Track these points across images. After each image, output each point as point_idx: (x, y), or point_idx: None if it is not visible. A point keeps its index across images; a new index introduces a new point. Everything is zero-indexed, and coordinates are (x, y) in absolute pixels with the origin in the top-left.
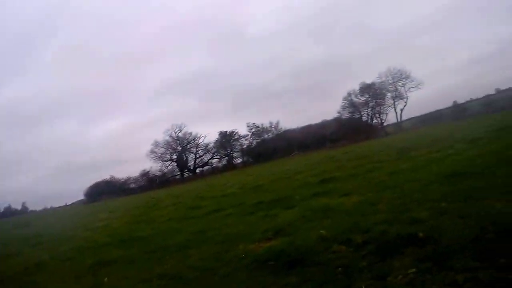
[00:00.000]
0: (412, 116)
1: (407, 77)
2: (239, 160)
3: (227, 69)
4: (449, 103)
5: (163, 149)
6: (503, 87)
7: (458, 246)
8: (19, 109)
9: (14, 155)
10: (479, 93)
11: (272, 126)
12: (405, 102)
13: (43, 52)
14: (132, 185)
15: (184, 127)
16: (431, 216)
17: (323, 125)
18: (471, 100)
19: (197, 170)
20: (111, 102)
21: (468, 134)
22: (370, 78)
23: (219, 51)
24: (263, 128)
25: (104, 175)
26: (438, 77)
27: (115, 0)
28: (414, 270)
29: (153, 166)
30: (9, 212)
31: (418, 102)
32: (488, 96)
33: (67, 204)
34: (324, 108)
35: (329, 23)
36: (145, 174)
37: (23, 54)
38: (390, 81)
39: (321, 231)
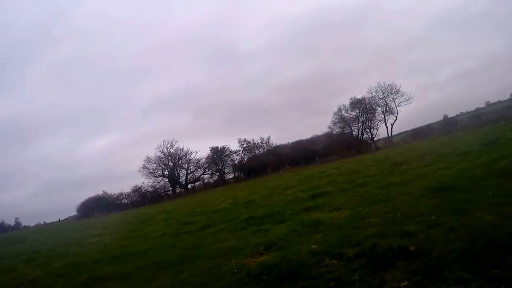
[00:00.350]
0: (403, 130)
1: (397, 92)
2: (230, 176)
3: (218, 86)
4: (439, 117)
5: (154, 165)
6: (492, 100)
7: (449, 258)
8: (11, 124)
9: (6, 170)
10: (469, 107)
11: (263, 142)
12: (396, 117)
13: (34, 68)
14: (124, 201)
15: (176, 143)
16: (422, 229)
17: (314, 140)
18: (461, 114)
19: (189, 186)
20: (104, 118)
21: (458, 147)
22: (360, 93)
23: (210, 68)
24: (254, 143)
25: (97, 191)
26: (428, 91)
27: (105, 17)
28: (406, 283)
29: (145, 182)
30: (2, 228)
31: (408, 116)
32: (478, 109)
33: (60, 219)
34: (315, 124)
35: (319, 39)
36: (137, 190)
37: (14, 70)
38: (381, 96)
39: (312, 245)
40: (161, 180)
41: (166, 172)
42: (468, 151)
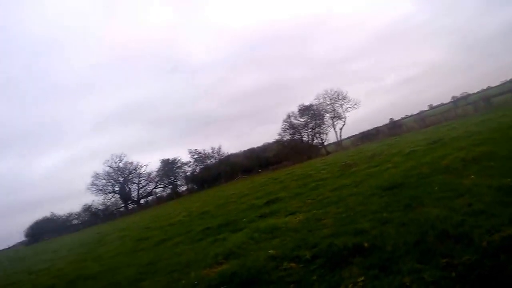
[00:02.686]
0: (352, 134)
1: (344, 98)
2: (183, 188)
3: (171, 97)
4: (386, 121)
5: (104, 181)
6: (435, 103)
7: (402, 251)
8: None
9: None
10: (413, 110)
11: (214, 152)
12: (344, 122)
13: None
14: (75, 221)
15: (124, 156)
16: (374, 226)
17: (265, 148)
18: (406, 117)
19: (142, 201)
20: (53, 136)
21: (404, 148)
22: (309, 101)
23: (163, 80)
24: (206, 154)
25: (45, 213)
26: (375, 97)
27: (49, 32)
28: (362, 278)
29: (95, 200)
30: None
31: (356, 121)
32: (421, 112)
33: (9, 246)
34: (266, 131)
35: (269, 51)
36: (87, 208)
37: None
38: (328, 102)
39: (270, 250)
40: (112, 197)
41: (116, 188)
42: (414, 151)
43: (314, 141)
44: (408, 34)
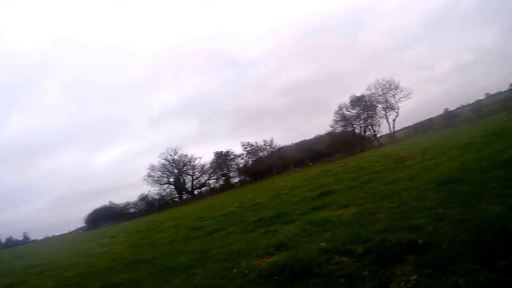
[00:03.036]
0: (405, 125)
1: (396, 88)
2: (236, 180)
3: (224, 92)
4: (440, 111)
5: (159, 173)
6: (492, 92)
7: (458, 250)
8: (22, 142)
9: (16, 187)
10: (469, 99)
11: (267, 144)
12: (397, 112)
13: (44, 87)
14: (132, 210)
15: (179, 149)
16: (430, 223)
17: (317, 140)
18: (462, 107)
19: (195, 192)
20: (115, 130)
21: (460, 140)
22: (360, 91)
23: (216, 76)
24: (258, 146)
25: (104, 202)
26: (428, 86)
27: (114, 32)
28: (415, 276)
29: (151, 190)
30: (10, 243)
31: (409, 111)
32: (478, 101)
33: (70, 231)
34: (318, 123)
35: (318, 42)
36: (143, 198)
37: (24, 90)
38: (380, 93)
39: (322, 243)
40: (167, 187)
41: (171, 179)
42: (471, 143)
43: (367, 133)
44: (461, 18)
